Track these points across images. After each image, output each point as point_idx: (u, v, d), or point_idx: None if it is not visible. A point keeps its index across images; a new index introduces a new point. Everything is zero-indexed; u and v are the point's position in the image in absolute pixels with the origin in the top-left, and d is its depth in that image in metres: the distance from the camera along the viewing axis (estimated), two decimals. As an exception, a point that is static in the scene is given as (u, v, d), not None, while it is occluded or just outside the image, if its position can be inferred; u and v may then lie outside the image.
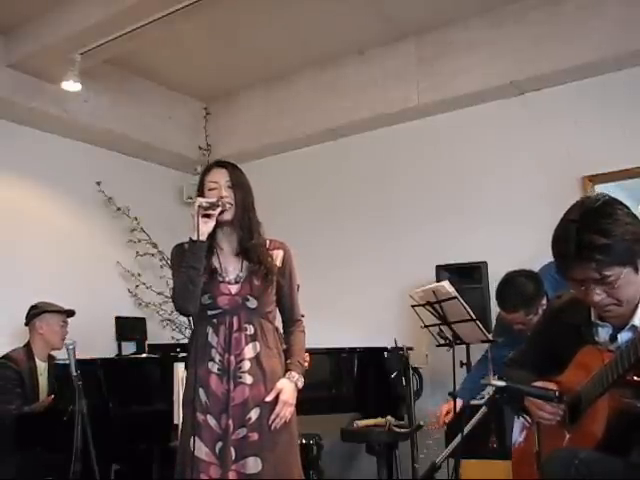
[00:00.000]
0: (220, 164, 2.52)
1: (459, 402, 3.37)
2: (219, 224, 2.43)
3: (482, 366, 3.44)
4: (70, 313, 4.20)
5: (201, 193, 2.47)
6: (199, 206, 2.36)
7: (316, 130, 5.28)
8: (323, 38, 4.86)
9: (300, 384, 2.47)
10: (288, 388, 2.42)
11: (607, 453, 1.71)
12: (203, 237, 2.37)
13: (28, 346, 4.05)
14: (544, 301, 3.07)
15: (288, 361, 2.49)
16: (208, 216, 2.37)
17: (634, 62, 4.13)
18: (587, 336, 1.90)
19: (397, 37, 4.85)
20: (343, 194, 5.29)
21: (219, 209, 2.38)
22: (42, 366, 4.07)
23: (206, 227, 2.38)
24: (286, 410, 2.39)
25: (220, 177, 2.46)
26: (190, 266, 2.36)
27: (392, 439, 4.01)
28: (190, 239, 2.38)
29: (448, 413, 3.39)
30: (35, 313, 4.10)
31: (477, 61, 4.55)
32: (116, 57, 4.76)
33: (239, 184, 2.46)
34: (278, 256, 2.52)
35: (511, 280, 3.13)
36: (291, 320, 2.59)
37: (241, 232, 2.45)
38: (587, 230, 1.71)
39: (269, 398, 2.37)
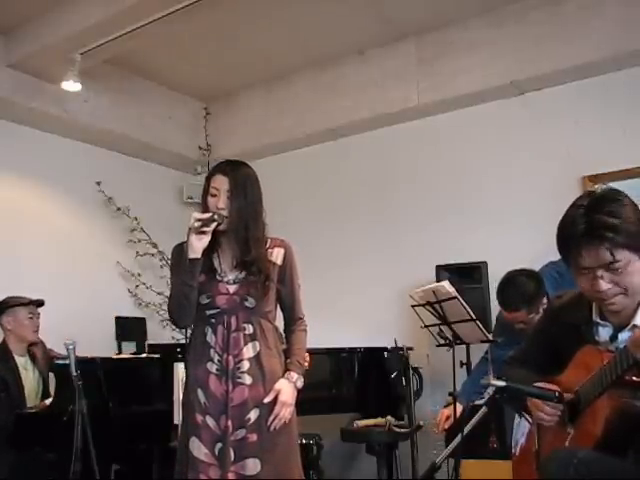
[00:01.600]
0: (222, 170, 2.45)
1: (458, 407, 3.37)
2: (218, 233, 2.41)
3: (482, 367, 3.44)
4: (39, 303, 4.08)
5: (204, 197, 2.45)
6: (189, 227, 2.33)
7: (316, 130, 5.28)
8: (323, 38, 4.86)
9: (299, 384, 2.46)
10: (287, 389, 2.41)
11: (606, 453, 1.71)
12: (197, 254, 2.35)
13: (4, 345, 3.97)
14: (545, 300, 3.06)
15: (288, 361, 2.48)
16: (203, 232, 2.34)
17: (634, 62, 4.13)
18: (587, 336, 1.90)
19: (397, 37, 4.85)
20: (343, 194, 5.29)
21: (214, 224, 2.35)
22: (23, 361, 4.00)
23: (200, 243, 2.34)
24: (285, 411, 2.38)
25: (221, 184, 2.41)
26: (185, 283, 2.35)
27: (392, 439, 4.01)
28: (185, 257, 2.36)
29: (448, 418, 3.37)
30: (0, 309, 4.01)
31: (477, 61, 4.55)
32: (116, 57, 4.76)
33: (238, 193, 2.40)
34: (279, 254, 2.51)
35: (512, 279, 3.13)
36: (292, 319, 2.57)
37: (236, 246, 2.43)
38: (597, 212, 1.71)
39: (268, 399, 2.37)
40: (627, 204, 1.74)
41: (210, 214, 2.37)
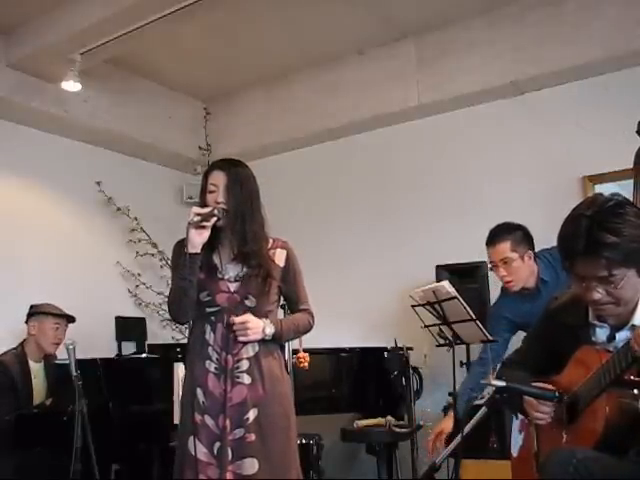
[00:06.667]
0: (219, 166, 2.49)
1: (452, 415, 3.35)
2: (218, 229, 2.42)
3: (475, 371, 3.44)
4: (69, 319, 4.11)
5: (202, 195, 2.47)
6: (189, 222, 2.33)
7: (316, 130, 5.27)
8: (323, 38, 4.85)
9: (268, 331, 2.41)
10: (256, 319, 2.39)
11: (605, 452, 1.72)
12: (197, 249, 2.36)
13: (21, 347, 3.99)
14: (531, 253, 3.25)
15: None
16: (202, 227, 2.35)
17: (634, 62, 4.13)
18: (584, 337, 1.90)
19: (397, 37, 4.85)
20: (343, 194, 5.29)
21: (213, 219, 2.36)
22: (36, 368, 4.01)
23: (200, 238, 2.36)
24: (249, 327, 2.35)
25: (219, 180, 2.43)
26: (184, 278, 2.35)
27: (392, 439, 4.01)
28: (185, 252, 2.36)
29: (441, 433, 3.32)
30: (31, 312, 4.05)
31: (477, 61, 4.55)
32: (116, 57, 4.76)
33: (235, 189, 2.42)
34: (282, 255, 2.52)
35: (501, 224, 3.35)
36: (297, 310, 2.57)
37: (234, 240, 2.44)
38: (598, 227, 1.71)
39: (238, 319, 2.35)
40: (630, 219, 1.72)
41: (210, 208, 2.38)
